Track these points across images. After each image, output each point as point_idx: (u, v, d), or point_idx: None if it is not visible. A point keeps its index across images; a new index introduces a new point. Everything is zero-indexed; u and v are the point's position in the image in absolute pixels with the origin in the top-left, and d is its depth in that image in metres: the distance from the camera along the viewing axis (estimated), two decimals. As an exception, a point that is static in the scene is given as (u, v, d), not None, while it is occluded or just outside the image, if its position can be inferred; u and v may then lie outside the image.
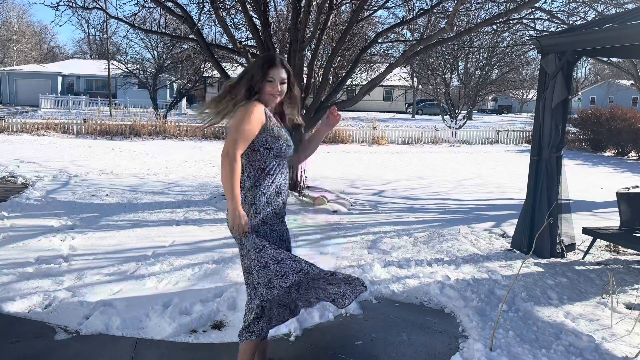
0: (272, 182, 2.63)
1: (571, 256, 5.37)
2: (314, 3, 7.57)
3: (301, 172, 8.30)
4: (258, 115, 2.52)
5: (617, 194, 5.46)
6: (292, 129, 2.75)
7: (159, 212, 6.88)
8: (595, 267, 5.05)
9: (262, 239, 2.59)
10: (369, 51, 12.85)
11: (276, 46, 9.21)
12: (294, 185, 8.11)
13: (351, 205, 7.66)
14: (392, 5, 9.60)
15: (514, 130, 21.68)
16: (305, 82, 7.93)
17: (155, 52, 25.94)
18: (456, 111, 27.50)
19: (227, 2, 8.71)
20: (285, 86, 2.61)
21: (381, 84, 14.44)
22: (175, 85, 35.59)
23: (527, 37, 12.78)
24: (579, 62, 6.33)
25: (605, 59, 13.18)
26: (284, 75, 2.58)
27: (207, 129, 18.41)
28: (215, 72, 22.52)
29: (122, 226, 6.07)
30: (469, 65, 31.22)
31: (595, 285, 4.49)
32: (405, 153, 16.39)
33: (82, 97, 36.46)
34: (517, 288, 4.23)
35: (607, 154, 17.82)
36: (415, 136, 19.92)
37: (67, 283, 4.15)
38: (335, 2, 7.78)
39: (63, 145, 14.78)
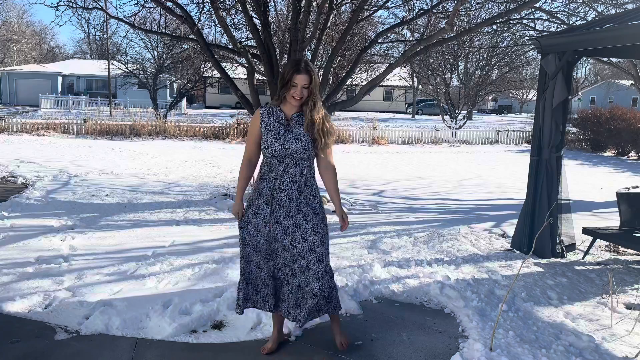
0: (263, 181, 2.98)
1: (571, 256, 5.37)
2: (314, 3, 7.56)
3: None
4: (252, 122, 3.02)
5: (617, 194, 5.46)
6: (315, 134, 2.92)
7: (159, 212, 6.88)
8: (595, 267, 5.05)
9: (250, 224, 2.99)
10: (369, 51, 12.86)
11: (276, 46, 9.21)
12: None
13: (351, 205, 7.66)
14: (392, 5, 9.59)
15: (514, 131, 21.68)
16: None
17: (155, 52, 25.95)
18: (456, 111, 27.49)
19: (227, 2, 8.71)
20: (307, 91, 2.85)
21: (381, 84, 14.44)
22: (175, 85, 35.60)
23: (527, 37, 12.79)
24: (579, 62, 6.33)
25: (605, 59, 13.19)
26: (306, 81, 2.82)
27: (207, 129, 18.59)
28: (215, 72, 22.52)
29: (122, 226, 6.07)
30: (469, 65, 31.22)
31: (595, 285, 4.49)
32: (405, 153, 16.39)
33: (82, 97, 36.47)
34: (517, 288, 4.23)
35: (607, 154, 17.82)
36: (415, 136, 19.92)
37: (67, 283, 4.15)
38: (335, 2, 7.77)
39: (63, 145, 14.79)
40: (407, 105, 48.05)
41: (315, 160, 3.03)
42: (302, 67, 2.82)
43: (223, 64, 13.15)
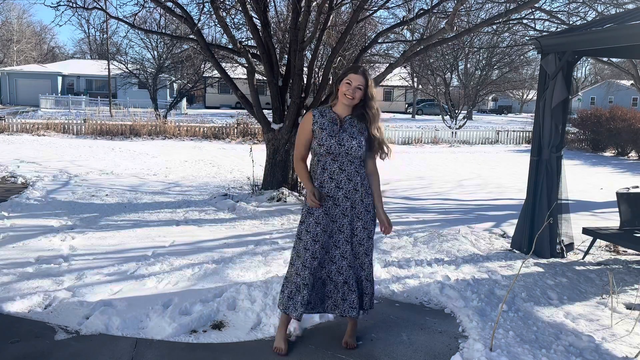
0: (319, 179, 3.03)
1: (571, 256, 5.37)
2: (314, 3, 7.57)
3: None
4: (304, 124, 3.08)
5: (617, 194, 5.46)
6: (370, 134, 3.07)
7: (159, 212, 6.87)
8: (595, 267, 5.05)
9: (308, 226, 3.02)
10: (369, 51, 12.83)
11: (276, 46, 9.21)
12: (294, 185, 8.11)
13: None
14: (392, 5, 9.60)
15: (514, 131, 21.67)
16: (305, 82, 7.93)
17: (155, 52, 25.97)
18: (456, 111, 27.51)
19: (227, 2, 8.71)
20: (359, 92, 2.97)
21: (381, 84, 14.43)
22: (175, 85, 35.58)
23: (527, 37, 12.78)
24: (579, 62, 6.32)
25: (605, 59, 13.18)
26: (361, 82, 2.96)
27: (207, 129, 18.59)
28: (215, 72, 22.52)
29: (122, 226, 6.07)
30: (469, 65, 31.25)
31: (595, 285, 4.49)
32: (405, 153, 16.37)
33: (82, 97, 36.46)
34: (517, 288, 4.23)
35: (607, 154, 17.82)
36: (415, 136, 19.92)
37: (67, 283, 4.15)
38: (335, 2, 7.77)
39: (63, 145, 14.78)
40: (407, 105, 48.04)
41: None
42: (360, 69, 2.99)
43: (223, 64, 13.14)
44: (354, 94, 2.97)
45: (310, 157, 3.13)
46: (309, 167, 3.12)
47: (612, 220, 6.53)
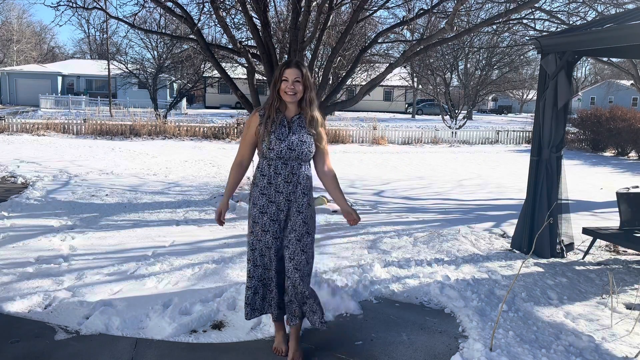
0: (265, 180, 2.94)
1: (571, 256, 5.37)
2: (314, 3, 7.56)
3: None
4: (249, 125, 2.99)
5: (617, 194, 5.46)
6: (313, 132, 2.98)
7: (159, 212, 6.88)
8: (595, 267, 5.05)
9: (257, 225, 2.97)
10: (369, 51, 12.85)
11: (276, 46, 9.20)
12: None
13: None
14: (392, 5, 9.59)
15: (514, 130, 21.67)
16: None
17: (155, 52, 25.96)
18: (456, 111, 27.51)
19: (227, 2, 8.71)
20: (299, 85, 2.87)
21: (381, 84, 14.44)
22: (175, 85, 35.59)
23: (527, 37, 12.78)
24: (579, 62, 6.32)
25: (605, 59, 13.18)
26: (297, 74, 2.86)
27: (207, 129, 18.59)
28: (215, 72, 22.52)
29: (122, 226, 6.07)
30: (469, 65, 31.26)
31: (595, 285, 4.49)
32: (405, 153, 16.39)
33: (82, 97, 36.47)
34: (517, 288, 4.23)
35: (607, 154, 17.82)
36: (415, 136, 19.92)
37: (67, 283, 4.15)
38: (335, 2, 7.77)
39: (63, 145, 14.78)
40: (407, 105, 48.06)
41: (313, 163, 3.07)
42: (293, 62, 2.90)
43: (223, 64, 13.15)
44: (295, 89, 2.86)
45: (257, 159, 3.04)
46: (255, 170, 3.03)
47: (612, 220, 6.53)
